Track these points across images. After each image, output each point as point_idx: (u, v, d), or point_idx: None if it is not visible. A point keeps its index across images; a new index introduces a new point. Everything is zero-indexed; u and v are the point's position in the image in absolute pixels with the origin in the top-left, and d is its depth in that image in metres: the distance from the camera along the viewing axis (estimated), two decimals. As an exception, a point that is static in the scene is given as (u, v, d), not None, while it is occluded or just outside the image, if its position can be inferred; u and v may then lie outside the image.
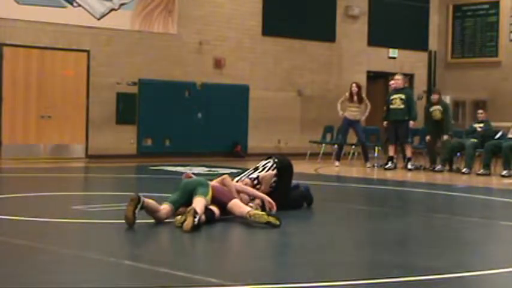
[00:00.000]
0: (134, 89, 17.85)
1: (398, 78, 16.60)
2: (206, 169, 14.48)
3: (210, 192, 7.59)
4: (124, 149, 17.74)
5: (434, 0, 22.98)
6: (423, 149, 17.06)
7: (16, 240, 6.61)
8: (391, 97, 16.32)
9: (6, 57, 16.33)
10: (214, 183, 7.91)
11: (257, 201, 8.25)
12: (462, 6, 22.62)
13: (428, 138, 16.32)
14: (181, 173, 9.61)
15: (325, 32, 20.79)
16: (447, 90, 17.33)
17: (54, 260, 5.83)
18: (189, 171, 9.59)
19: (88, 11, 17.13)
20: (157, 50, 18.12)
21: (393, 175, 15.18)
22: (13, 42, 16.39)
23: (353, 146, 18.32)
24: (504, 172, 14.90)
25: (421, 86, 22.74)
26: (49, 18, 16.63)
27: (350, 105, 16.89)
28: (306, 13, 20.29)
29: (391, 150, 16.45)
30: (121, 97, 17.67)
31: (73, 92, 17.14)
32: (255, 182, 8.53)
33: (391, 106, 16.25)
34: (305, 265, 5.88)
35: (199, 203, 7.32)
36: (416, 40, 22.63)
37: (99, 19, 17.29)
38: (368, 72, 21.72)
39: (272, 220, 7.38)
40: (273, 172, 8.65)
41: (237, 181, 8.47)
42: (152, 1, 17.97)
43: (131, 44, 17.78)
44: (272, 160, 8.80)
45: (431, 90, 19.64)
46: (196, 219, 7.04)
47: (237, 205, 7.66)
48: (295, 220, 8.15)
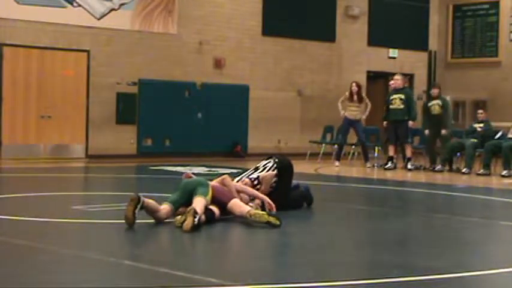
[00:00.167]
0: (134, 89, 17.85)
1: (397, 78, 16.60)
2: (206, 169, 14.48)
3: (210, 192, 7.59)
4: (124, 149, 17.74)
5: (434, 0, 22.98)
6: (423, 149, 17.06)
7: (16, 240, 6.61)
8: (391, 97, 16.34)
9: (6, 57, 16.33)
10: (214, 183, 7.91)
11: (257, 201, 8.24)
12: (462, 6, 22.63)
13: (427, 132, 16.32)
14: (181, 173, 9.61)
15: (325, 32, 20.79)
16: (447, 90, 17.32)
17: (54, 260, 5.83)
18: (189, 171, 9.59)
19: (88, 11, 17.13)
20: (157, 50, 18.12)
21: (393, 175, 15.18)
22: (13, 42, 16.39)
23: (353, 146, 18.32)
24: (504, 172, 14.90)
25: (421, 86, 22.74)
26: (49, 18, 16.63)
27: (350, 104, 16.89)
28: (306, 13, 20.29)
29: (391, 150, 16.46)
30: (121, 97, 17.67)
31: (73, 92, 17.15)
32: (255, 182, 8.52)
33: (391, 106, 16.27)
34: (305, 265, 5.88)
35: (199, 203, 7.32)
36: (416, 40, 22.63)
37: (99, 19, 17.29)
38: (368, 72, 21.72)
39: (272, 220, 7.38)
40: (274, 172, 8.64)
41: (237, 181, 8.47)
42: (152, 1, 17.97)
43: (131, 44, 17.78)
44: (272, 160, 8.80)
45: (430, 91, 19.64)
46: (196, 219, 7.04)
47: (237, 205, 7.66)
48: (295, 220, 8.15)
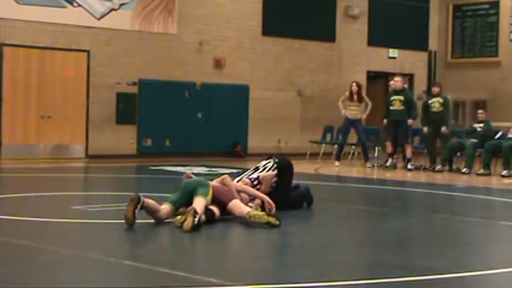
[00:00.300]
0: (134, 89, 17.85)
1: (397, 80, 16.61)
2: (206, 169, 14.48)
3: (211, 192, 7.59)
4: (124, 149, 17.74)
5: (434, 0, 22.98)
6: (423, 149, 17.05)
7: (16, 240, 6.61)
8: (391, 98, 16.37)
9: (6, 57, 16.33)
10: (214, 183, 7.91)
11: (257, 201, 8.24)
12: (462, 6, 22.62)
13: (425, 129, 16.33)
14: (181, 173, 9.61)
15: (325, 32, 20.79)
16: (447, 90, 17.31)
17: (54, 260, 5.83)
18: (189, 171, 9.59)
19: (88, 11, 17.13)
20: (157, 50, 18.12)
21: (393, 175, 15.18)
22: (13, 42, 16.39)
23: (353, 146, 18.32)
24: (504, 172, 14.90)
25: (421, 86, 22.75)
26: (49, 18, 16.63)
27: (350, 104, 16.90)
28: (306, 13, 20.29)
29: (389, 146, 16.43)
30: (121, 97, 17.67)
31: (73, 92, 17.15)
32: (255, 183, 8.52)
33: (391, 107, 16.28)
34: (305, 265, 5.88)
35: (199, 203, 7.32)
36: (416, 40, 22.63)
37: (99, 19, 17.29)
38: (368, 72, 21.73)
39: (272, 220, 7.38)
40: (274, 172, 8.64)
41: (237, 181, 8.47)
42: (152, 1, 17.97)
43: (131, 44, 17.78)
44: (272, 160, 8.80)
45: (431, 89, 19.63)
46: (196, 219, 7.04)
47: (237, 205, 7.66)
48: (295, 220, 8.15)
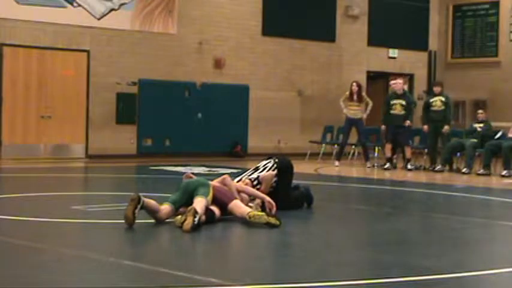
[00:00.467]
0: (134, 89, 17.85)
1: (400, 81, 16.61)
2: (206, 169, 14.48)
3: (211, 192, 7.59)
4: (124, 149, 17.74)
5: (434, 0, 22.98)
6: (423, 149, 17.04)
7: (16, 240, 6.61)
8: (392, 102, 16.31)
9: (6, 57, 16.33)
10: (214, 183, 7.91)
11: (257, 201, 8.24)
12: (462, 6, 22.62)
13: (426, 128, 16.32)
14: (181, 173, 9.61)
15: (325, 32, 20.79)
16: (447, 90, 17.27)
17: (54, 260, 5.83)
18: (190, 171, 9.59)
19: (88, 11, 17.12)
20: (157, 50, 18.11)
21: (393, 175, 15.18)
22: (13, 42, 16.39)
23: (353, 146, 18.32)
24: (504, 172, 14.90)
25: (421, 86, 22.74)
26: (49, 18, 16.63)
27: (350, 103, 16.90)
28: (306, 13, 20.29)
29: (388, 150, 16.43)
30: (121, 97, 17.66)
31: (73, 92, 17.14)
32: (255, 183, 8.52)
33: (392, 111, 16.24)
34: (305, 265, 5.88)
35: (199, 203, 7.32)
36: (416, 40, 22.62)
37: (99, 19, 17.29)
38: (368, 72, 21.72)
39: (272, 220, 7.38)
40: (274, 172, 8.64)
41: (238, 181, 8.47)
42: (152, 1, 17.97)
43: (131, 44, 17.78)
44: (273, 160, 8.80)
45: (430, 90, 19.64)
46: (196, 219, 7.04)
47: (238, 206, 7.66)
48: (295, 220, 8.16)
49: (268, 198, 8.23)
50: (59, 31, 16.86)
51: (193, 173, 8.21)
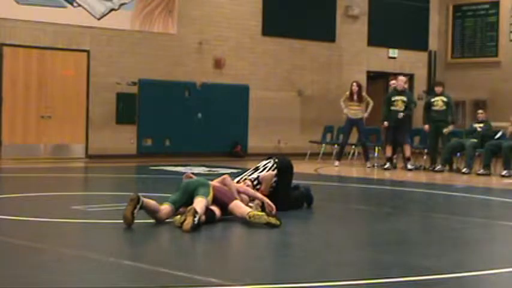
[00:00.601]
0: (134, 89, 17.85)
1: (402, 79, 16.59)
2: (206, 169, 14.48)
3: (211, 192, 7.59)
4: (124, 149, 17.74)
5: (434, 0, 22.98)
6: (423, 149, 17.04)
7: (16, 240, 6.61)
8: (393, 98, 16.30)
9: (6, 57, 16.33)
10: (215, 183, 7.91)
11: (257, 200, 8.24)
12: (462, 6, 22.62)
13: (426, 127, 16.32)
14: (181, 173, 9.61)
15: (325, 32, 20.79)
16: (447, 90, 17.25)
17: (54, 260, 5.83)
18: (190, 171, 9.59)
19: (88, 11, 17.13)
20: (157, 50, 18.11)
21: (393, 175, 15.18)
22: (13, 42, 16.39)
23: (353, 146, 18.32)
24: (504, 172, 14.90)
25: (421, 86, 22.74)
26: (49, 18, 16.63)
27: (350, 103, 16.90)
28: (306, 13, 20.29)
29: (388, 150, 16.43)
30: (121, 97, 17.67)
31: (73, 92, 17.14)
32: (255, 183, 8.52)
33: (393, 107, 16.23)
34: (305, 265, 5.88)
35: (199, 203, 7.32)
36: (416, 40, 22.62)
37: (99, 19, 17.29)
38: (368, 72, 21.72)
39: (272, 221, 7.38)
40: (274, 172, 8.64)
41: (237, 181, 8.46)
42: (152, 1, 17.97)
43: (131, 44, 17.78)
44: (272, 160, 8.80)
45: (430, 90, 19.65)
46: (196, 219, 7.04)
47: (238, 206, 7.66)
48: (295, 220, 8.15)
49: (267, 200, 8.22)
50: (59, 31, 16.86)
51: (193, 173, 8.21)
